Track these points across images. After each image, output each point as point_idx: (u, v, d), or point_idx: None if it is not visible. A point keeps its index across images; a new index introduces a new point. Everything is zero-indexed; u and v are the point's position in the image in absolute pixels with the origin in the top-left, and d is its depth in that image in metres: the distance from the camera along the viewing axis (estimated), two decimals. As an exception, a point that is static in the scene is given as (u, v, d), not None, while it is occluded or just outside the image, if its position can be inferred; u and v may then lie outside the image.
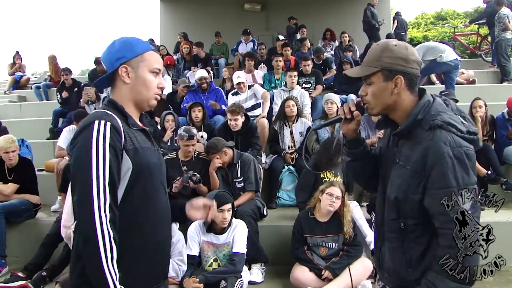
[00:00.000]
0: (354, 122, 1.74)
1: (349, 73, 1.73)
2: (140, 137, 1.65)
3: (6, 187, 4.77)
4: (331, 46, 10.53)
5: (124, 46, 1.67)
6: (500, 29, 8.36)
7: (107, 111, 1.59)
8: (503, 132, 5.49)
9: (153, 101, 1.72)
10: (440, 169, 1.47)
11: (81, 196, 1.47)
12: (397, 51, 1.59)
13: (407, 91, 1.61)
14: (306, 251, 3.78)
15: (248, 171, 4.49)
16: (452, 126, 1.52)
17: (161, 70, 1.74)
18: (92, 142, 1.48)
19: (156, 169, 1.67)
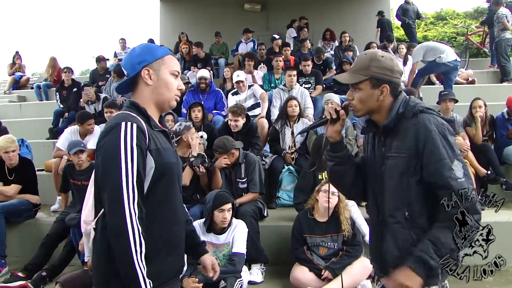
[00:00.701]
0: (339, 122, 1.85)
1: (339, 78, 1.86)
2: (161, 138, 1.72)
3: (9, 188, 4.77)
4: (331, 46, 10.53)
5: (145, 50, 1.76)
6: (499, 29, 8.36)
7: (131, 113, 1.65)
8: (503, 132, 5.49)
9: (173, 102, 1.79)
10: (431, 145, 1.65)
11: (112, 194, 1.53)
12: (384, 62, 1.74)
13: (390, 97, 1.77)
14: (305, 251, 3.78)
15: (253, 172, 4.47)
16: (431, 109, 1.75)
17: (180, 73, 1.82)
18: (121, 142, 1.54)
19: (176, 168, 1.75)
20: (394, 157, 1.73)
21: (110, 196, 1.54)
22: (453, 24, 20.18)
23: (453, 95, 5.51)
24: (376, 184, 1.83)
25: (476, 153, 5.13)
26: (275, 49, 9.45)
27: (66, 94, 8.19)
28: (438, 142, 1.65)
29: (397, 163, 1.72)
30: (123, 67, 1.82)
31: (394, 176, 1.73)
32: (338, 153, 1.89)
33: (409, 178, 1.70)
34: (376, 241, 1.86)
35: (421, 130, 1.67)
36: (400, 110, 1.74)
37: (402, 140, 1.72)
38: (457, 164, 1.64)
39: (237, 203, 4.16)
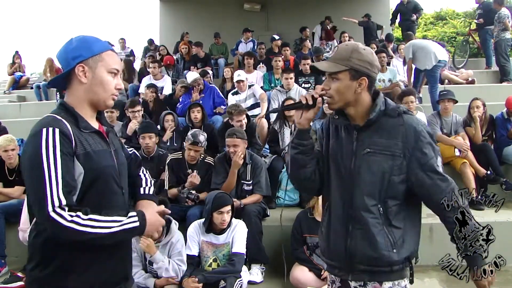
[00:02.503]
0: (314, 110, 1.81)
1: (318, 65, 1.81)
2: (93, 139, 1.61)
3: (13, 190, 4.76)
4: (330, 46, 10.53)
5: (81, 44, 1.63)
6: (500, 29, 8.37)
7: (57, 116, 1.56)
8: (503, 132, 5.49)
9: (110, 102, 1.67)
10: (421, 145, 1.71)
11: (37, 203, 1.45)
12: (365, 55, 1.74)
13: (366, 91, 1.77)
14: (305, 251, 3.78)
15: (259, 175, 4.44)
16: (409, 111, 1.81)
17: (120, 71, 1.70)
18: (42, 150, 1.45)
19: (111, 172, 1.64)
20: (373, 153, 1.74)
21: (36, 207, 1.47)
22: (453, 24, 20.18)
23: (452, 95, 5.51)
24: (344, 179, 1.80)
25: (476, 153, 5.14)
26: (274, 49, 9.45)
27: (66, 94, 8.18)
28: (426, 141, 1.72)
29: (377, 160, 1.73)
30: (58, 60, 1.67)
31: (374, 171, 1.73)
32: (303, 141, 1.86)
33: (392, 176, 1.72)
34: (337, 238, 1.83)
35: (410, 131, 1.71)
36: (382, 108, 1.76)
37: (385, 137, 1.73)
38: (439, 160, 1.75)
39: (242, 203, 4.17)
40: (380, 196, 1.73)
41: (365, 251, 1.74)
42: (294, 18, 12.64)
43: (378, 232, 1.72)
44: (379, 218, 1.73)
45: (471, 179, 4.86)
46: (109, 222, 1.49)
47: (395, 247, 1.72)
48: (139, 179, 1.90)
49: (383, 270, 1.75)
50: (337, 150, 1.85)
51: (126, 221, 1.52)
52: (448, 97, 5.47)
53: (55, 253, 1.54)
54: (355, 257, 1.77)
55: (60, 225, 1.41)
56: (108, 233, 1.47)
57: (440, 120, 5.49)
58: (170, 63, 9.03)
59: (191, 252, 3.67)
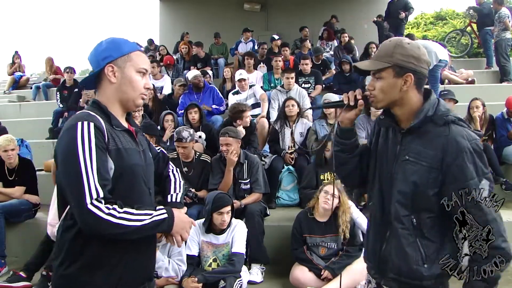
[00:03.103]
0: (355, 111, 1.76)
1: (359, 65, 1.73)
2: (124, 137, 1.64)
3: (14, 190, 4.75)
4: (330, 46, 10.52)
5: (111, 45, 1.67)
6: (500, 29, 8.36)
7: (90, 112, 1.59)
8: (503, 132, 5.49)
9: (139, 101, 1.71)
10: (461, 162, 1.54)
11: (75, 196, 1.47)
12: (410, 49, 1.62)
13: (414, 89, 1.64)
14: (305, 251, 3.78)
15: (256, 173, 4.44)
16: (463, 122, 1.61)
17: (148, 70, 1.74)
18: (78, 142, 1.48)
19: (140, 171, 1.67)
20: (411, 162, 1.63)
21: (74, 200, 1.48)
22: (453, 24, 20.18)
23: (452, 95, 5.51)
24: (385, 181, 1.73)
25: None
26: (274, 49, 9.45)
27: (67, 94, 8.21)
28: (469, 159, 1.54)
29: (416, 169, 1.61)
30: (89, 61, 1.73)
31: (409, 181, 1.63)
32: (345, 140, 1.81)
33: (426, 188, 1.60)
34: (375, 241, 1.78)
35: (452, 144, 1.55)
36: (430, 113, 1.61)
37: (425, 145, 1.61)
38: (485, 183, 1.53)
39: (242, 203, 4.17)
40: (413, 207, 1.63)
41: (395, 260, 1.69)
42: (294, 18, 12.63)
43: (409, 244, 1.64)
44: (411, 229, 1.64)
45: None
46: (141, 215, 1.52)
47: (427, 261, 1.62)
48: (168, 182, 1.94)
49: (412, 283, 1.66)
50: (383, 151, 1.78)
51: (155, 213, 1.56)
52: (448, 97, 5.47)
53: (84, 248, 1.55)
54: (387, 263, 1.72)
55: (97, 218, 1.44)
56: (139, 226, 1.51)
57: (440, 120, 5.47)
58: (170, 63, 9.04)
59: (191, 252, 3.67)
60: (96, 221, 1.44)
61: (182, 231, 1.67)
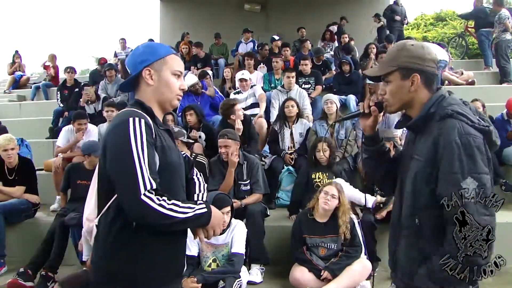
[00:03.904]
0: (371, 118, 1.81)
1: (368, 72, 1.83)
2: (166, 136, 1.72)
3: (15, 189, 4.76)
4: (331, 47, 10.53)
5: (147, 49, 1.75)
6: (500, 30, 8.37)
7: (137, 110, 1.65)
8: (502, 133, 5.49)
9: (175, 102, 1.79)
10: (448, 155, 1.51)
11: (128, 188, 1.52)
12: (414, 50, 1.66)
13: (424, 88, 1.66)
14: (305, 251, 3.78)
15: (256, 174, 4.43)
16: (463, 116, 1.56)
17: (183, 72, 1.81)
18: (130, 136, 1.54)
19: (178, 168, 1.75)
20: (415, 159, 1.64)
21: (126, 191, 1.52)
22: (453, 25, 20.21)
23: (453, 95, 5.51)
24: (402, 182, 1.74)
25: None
26: (274, 50, 9.45)
27: (67, 93, 8.22)
28: (455, 152, 1.50)
29: (415, 166, 1.63)
30: (126, 66, 1.82)
31: (411, 179, 1.64)
32: (371, 147, 1.87)
33: (423, 184, 1.60)
34: (392, 242, 1.81)
35: (442, 137, 1.54)
36: (432, 110, 1.62)
37: (425, 142, 1.62)
38: (470, 182, 1.47)
39: (243, 203, 4.17)
40: (415, 206, 1.63)
41: (402, 261, 1.71)
42: (294, 19, 12.62)
43: (411, 244, 1.66)
44: (414, 230, 1.64)
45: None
46: (186, 208, 1.57)
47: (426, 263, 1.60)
48: (193, 184, 2.02)
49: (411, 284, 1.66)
50: (405, 153, 1.81)
51: (197, 207, 1.61)
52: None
53: (127, 243, 1.60)
54: (397, 263, 1.75)
55: (150, 208, 1.49)
56: (184, 218, 1.56)
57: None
58: (170, 63, 9.02)
59: (191, 252, 3.66)
60: (148, 211, 1.49)
61: (216, 226, 1.71)
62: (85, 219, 1.76)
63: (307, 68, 7.37)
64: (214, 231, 1.71)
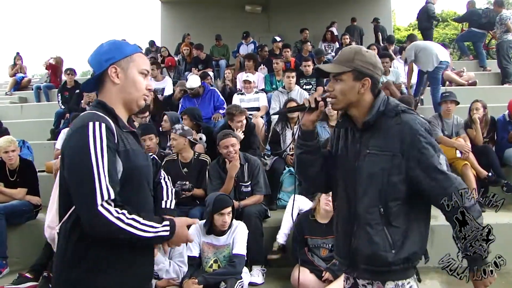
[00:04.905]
0: (316, 113, 1.88)
1: (323, 67, 1.90)
2: (130, 139, 1.65)
3: (17, 191, 4.77)
4: (332, 48, 10.54)
5: (113, 47, 1.69)
6: (502, 30, 8.38)
7: (99, 113, 1.58)
8: (504, 134, 5.48)
9: (141, 102, 1.72)
10: (419, 144, 1.70)
11: (84, 197, 1.46)
12: (368, 57, 1.80)
13: (369, 92, 1.81)
14: (306, 252, 3.77)
15: (257, 175, 4.42)
16: (412, 110, 1.80)
17: (150, 72, 1.76)
18: (90, 142, 1.47)
19: (145, 171, 1.69)
20: (374, 154, 1.76)
21: (82, 201, 1.46)
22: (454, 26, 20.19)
23: (454, 96, 5.51)
24: (349, 179, 1.84)
25: (477, 155, 5.13)
26: (275, 51, 9.46)
27: (68, 95, 8.24)
28: (425, 140, 1.71)
29: (377, 160, 1.75)
30: (89, 64, 1.73)
31: (374, 173, 1.75)
32: (308, 142, 1.92)
33: (391, 176, 1.73)
34: (345, 236, 1.87)
35: (406, 130, 1.71)
36: (381, 108, 1.77)
37: (383, 138, 1.75)
38: (442, 158, 1.73)
39: (241, 205, 4.16)
40: (381, 197, 1.74)
41: (364, 251, 1.77)
42: (295, 19, 12.65)
43: (377, 232, 1.74)
44: (379, 218, 1.74)
45: (473, 181, 4.85)
46: (147, 226, 1.51)
47: (394, 247, 1.73)
48: (160, 188, 1.94)
49: (382, 270, 1.76)
50: (344, 151, 1.89)
51: (160, 229, 1.55)
52: (450, 98, 5.46)
53: (88, 251, 1.54)
54: (357, 256, 1.81)
55: (106, 220, 1.43)
56: (143, 237, 1.50)
57: (441, 122, 5.48)
58: (171, 64, 9.05)
59: (192, 253, 3.67)
60: (104, 223, 1.44)
61: (178, 244, 1.67)
62: (47, 227, 1.71)
63: (309, 69, 7.36)
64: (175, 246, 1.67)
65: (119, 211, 1.46)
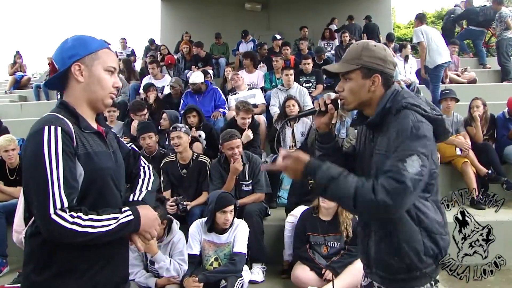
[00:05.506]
0: (328, 115, 1.81)
1: (329, 68, 1.80)
2: (93, 140, 1.58)
3: (17, 190, 4.77)
4: (331, 46, 10.53)
5: (77, 43, 1.60)
6: (502, 28, 8.37)
7: (58, 115, 1.52)
8: (504, 132, 5.49)
9: (108, 100, 1.64)
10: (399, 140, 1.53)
11: (38, 205, 1.41)
12: (377, 51, 1.69)
13: (382, 89, 1.70)
14: (308, 249, 3.78)
15: (258, 174, 4.41)
16: (416, 106, 1.60)
17: (117, 69, 1.67)
18: (44, 148, 1.41)
19: (111, 174, 1.61)
20: (377, 154, 1.66)
21: (37, 207, 1.41)
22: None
23: (454, 94, 5.51)
24: None
25: (477, 152, 5.14)
26: (275, 49, 9.45)
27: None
28: (407, 137, 1.52)
29: (377, 161, 1.65)
30: (54, 61, 1.62)
31: (373, 173, 1.65)
32: (325, 144, 1.87)
33: None
34: (364, 237, 1.83)
35: (398, 127, 1.57)
36: (388, 105, 1.66)
37: (384, 136, 1.64)
38: (416, 159, 1.48)
39: (238, 203, 4.12)
40: None
41: (373, 255, 1.74)
42: (295, 17, 12.65)
43: (383, 237, 1.68)
44: (382, 223, 1.68)
45: (473, 178, 4.86)
46: (106, 220, 1.46)
47: (396, 254, 1.65)
48: (137, 180, 1.83)
49: (387, 277, 1.71)
50: (363, 151, 1.82)
51: (121, 216, 1.50)
52: (450, 96, 5.47)
53: (54, 255, 1.49)
54: (370, 259, 1.77)
55: (61, 227, 1.38)
56: (106, 231, 1.45)
57: (441, 120, 5.48)
58: (171, 62, 9.04)
59: (193, 251, 3.67)
60: (60, 231, 1.39)
61: (150, 229, 1.60)
62: (14, 231, 1.69)
63: (308, 67, 7.37)
64: (150, 234, 1.60)
65: (74, 215, 1.41)
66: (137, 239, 1.58)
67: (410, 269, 1.63)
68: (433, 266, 1.64)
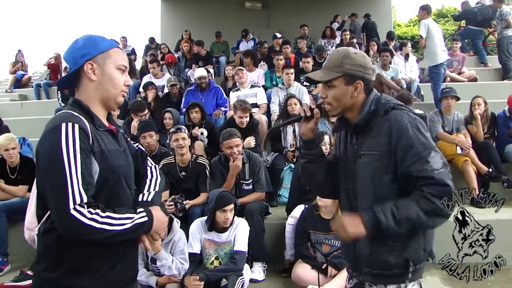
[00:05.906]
0: (313, 120, 1.85)
1: (312, 76, 1.86)
2: (107, 138, 1.60)
3: (18, 189, 4.79)
4: (332, 44, 10.52)
5: (88, 42, 1.63)
6: (502, 26, 8.36)
7: (73, 112, 1.54)
8: (504, 130, 5.49)
9: (120, 98, 1.67)
10: (406, 141, 1.62)
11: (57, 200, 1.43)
12: (357, 59, 1.75)
13: (363, 94, 1.77)
14: (309, 247, 3.77)
15: (259, 173, 4.41)
16: (403, 106, 1.72)
17: (127, 67, 1.70)
18: (62, 145, 1.43)
19: (123, 172, 1.64)
20: (365, 155, 1.72)
21: (55, 204, 1.43)
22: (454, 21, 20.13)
23: (454, 92, 5.51)
24: (349, 182, 1.82)
25: (477, 150, 5.13)
26: (276, 47, 9.44)
27: (68, 92, 8.22)
28: (412, 137, 1.61)
29: (368, 161, 1.70)
30: (65, 60, 1.66)
31: (366, 174, 1.71)
32: (310, 151, 1.90)
33: (382, 176, 1.68)
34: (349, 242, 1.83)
35: (393, 127, 1.65)
36: (372, 108, 1.73)
37: (374, 137, 1.70)
38: (434, 155, 1.59)
39: (238, 202, 4.14)
40: (376, 197, 1.69)
41: (366, 254, 1.75)
42: (295, 16, 12.63)
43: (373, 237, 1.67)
44: None
45: (473, 177, 4.86)
46: (122, 219, 1.50)
47: (394, 250, 1.69)
48: (144, 180, 1.86)
49: (383, 273, 1.73)
50: (344, 154, 1.86)
51: (136, 217, 1.54)
52: (450, 94, 5.47)
53: (67, 252, 1.51)
54: (360, 259, 1.78)
55: (80, 223, 1.40)
56: (121, 230, 1.48)
57: (442, 118, 5.49)
58: (171, 61, 9.03)
59: (193, 250, 3.67)
60: (78, 227, 1.41)
61: (159, 230, 1.64)
62: (26, 228, 1.70)
63: (308, 66, 7.37)
64: (159, 235, 1.64)
65: (92, 211, 1.43)
66: (146, 239, 1.62)
67: (408, 264, 1.68)
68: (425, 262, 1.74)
